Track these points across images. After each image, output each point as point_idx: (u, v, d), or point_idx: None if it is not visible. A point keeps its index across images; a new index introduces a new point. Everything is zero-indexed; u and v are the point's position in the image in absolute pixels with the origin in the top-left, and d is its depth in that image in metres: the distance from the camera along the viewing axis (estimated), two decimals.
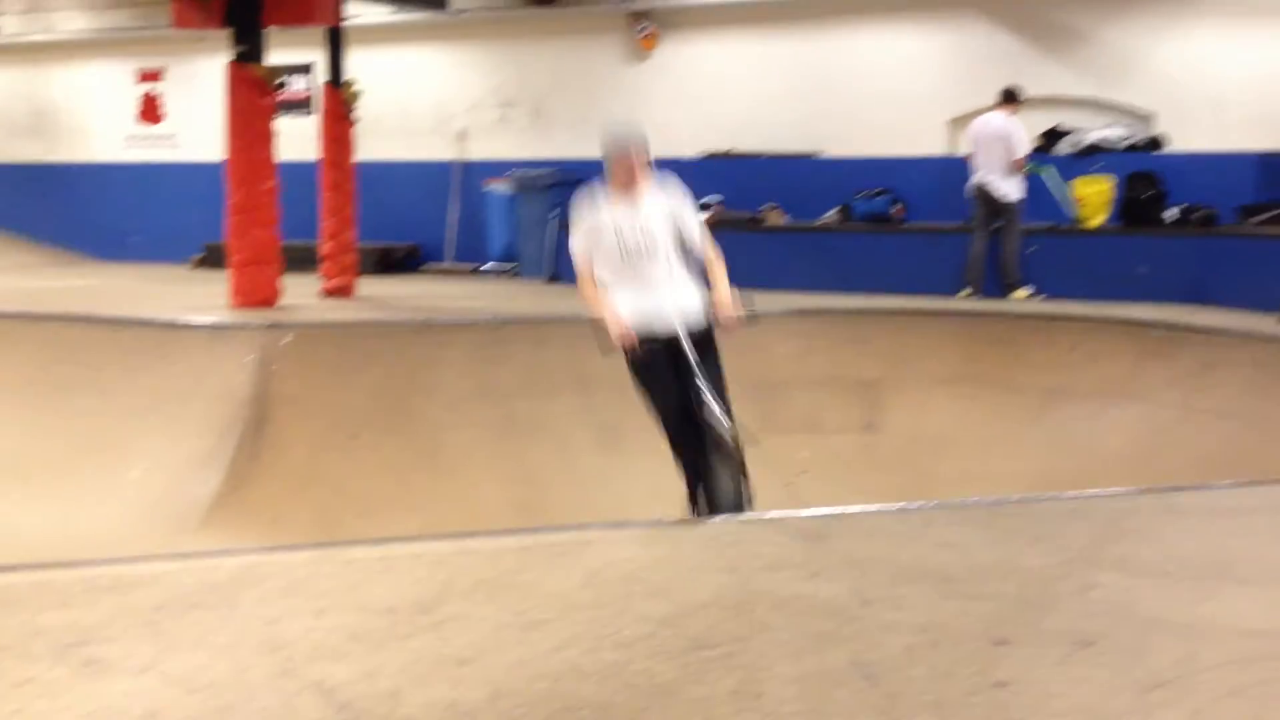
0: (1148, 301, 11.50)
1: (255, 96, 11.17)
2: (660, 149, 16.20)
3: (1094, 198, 12.54)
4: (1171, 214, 12.47)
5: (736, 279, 13.52)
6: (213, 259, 15.47)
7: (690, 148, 15.14)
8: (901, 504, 5.26)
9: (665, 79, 15.64)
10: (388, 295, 12.92)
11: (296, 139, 14.67)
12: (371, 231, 15.10)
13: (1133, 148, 13.11)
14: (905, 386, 10.79)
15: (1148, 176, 12.59)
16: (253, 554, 4.46)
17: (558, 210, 15.16)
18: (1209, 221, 12.25)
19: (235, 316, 10.60)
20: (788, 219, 14.05)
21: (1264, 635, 3.56)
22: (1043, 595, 3.89)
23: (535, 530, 4.87)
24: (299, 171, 13.49)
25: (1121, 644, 3.48)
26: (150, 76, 18.44)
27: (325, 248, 12.57)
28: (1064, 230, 12.63)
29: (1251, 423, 9.02)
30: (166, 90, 18.50)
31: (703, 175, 14.85)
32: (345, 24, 12.84)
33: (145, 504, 8.61)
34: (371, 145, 15.91)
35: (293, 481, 8.97)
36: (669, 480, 9.83)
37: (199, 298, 11.95)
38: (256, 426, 9.11)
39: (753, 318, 5.84)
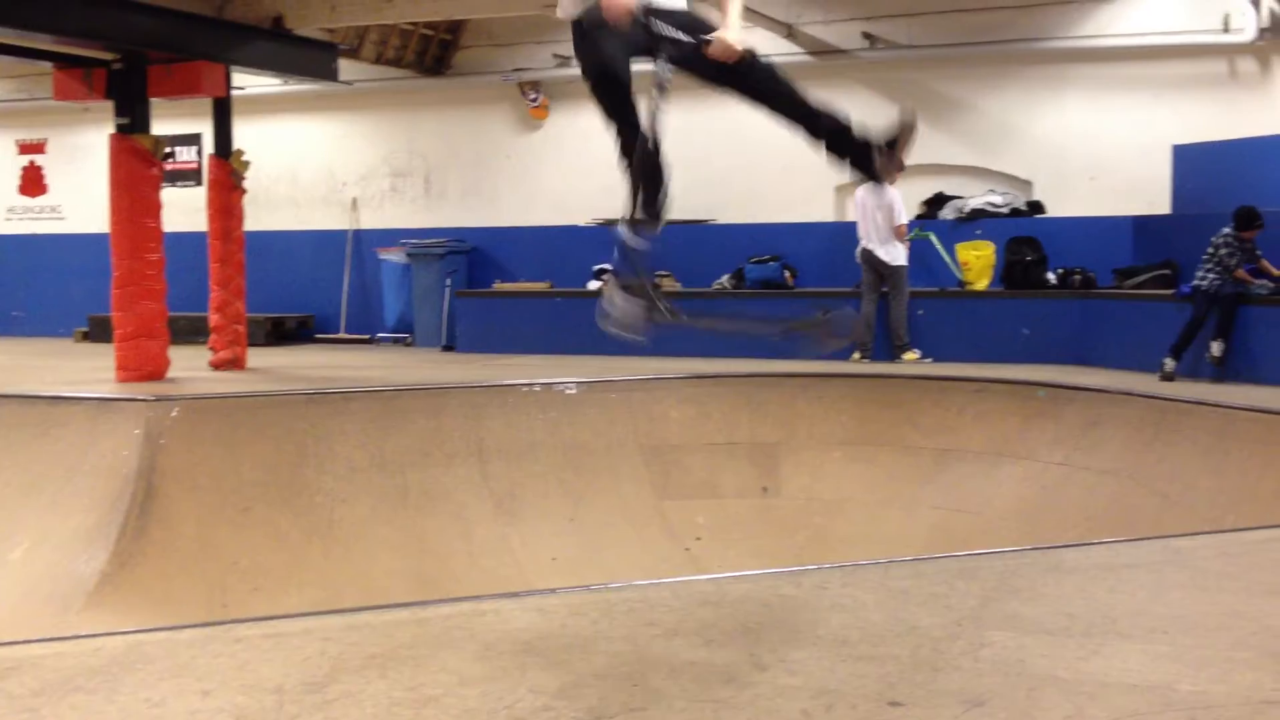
0: (1032, 362, 11.83)
1: (140, 167, 11.04)
2: (553, 217, 16.43)
3: (977, 262, 12.88)
4: (1052, 277, 12.86)
5: (632, 346, 13.64)
6: (98, 332, 15.17)
7: (583, 216, 15.27)
8: (797, 567, 5.29)
9: (557, 148, 15.78)
10: (279, 366, 12.75)
11: (185, 209, 14.53)
12: (263, 302, 14.96)
13: (1014, 213, 13.51)
14: (801, 449, 10.91)
15: (1028, 241, 12.97)
16: (136, 634, 4.33)
17: (451, 278, 15.18)
18: (1088, 284, 12.65)
19: (121, 390, 10.37)
20: (681, 286, 14.19)
21: (1148, 689, 3.64)
22: (935, 656, 3.93)
23: (429, 603, 4.81)
24: (188, 242, 13.33)
25: (1012, 702, 3.53)
26: (32, 148, 18.12)
27: (214, 319, 12.39)
28: (950, 294, 12.93)
29: (1133, 478, 9.26)
30: (49, 162, 18.18)
31: (596, 243, 14.99)
32: (233, 95, 12.75)
33: (27, 584, 8.33)
34: (262, 215, 15.82)
35: (183, 557, 8.75)
36: (567, 548, 9.83)
37: (84, 372, 11.70)
38: (144, 502, 8.88)
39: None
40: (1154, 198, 13.14)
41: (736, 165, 14.75)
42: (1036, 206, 13.61)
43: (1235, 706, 3.48)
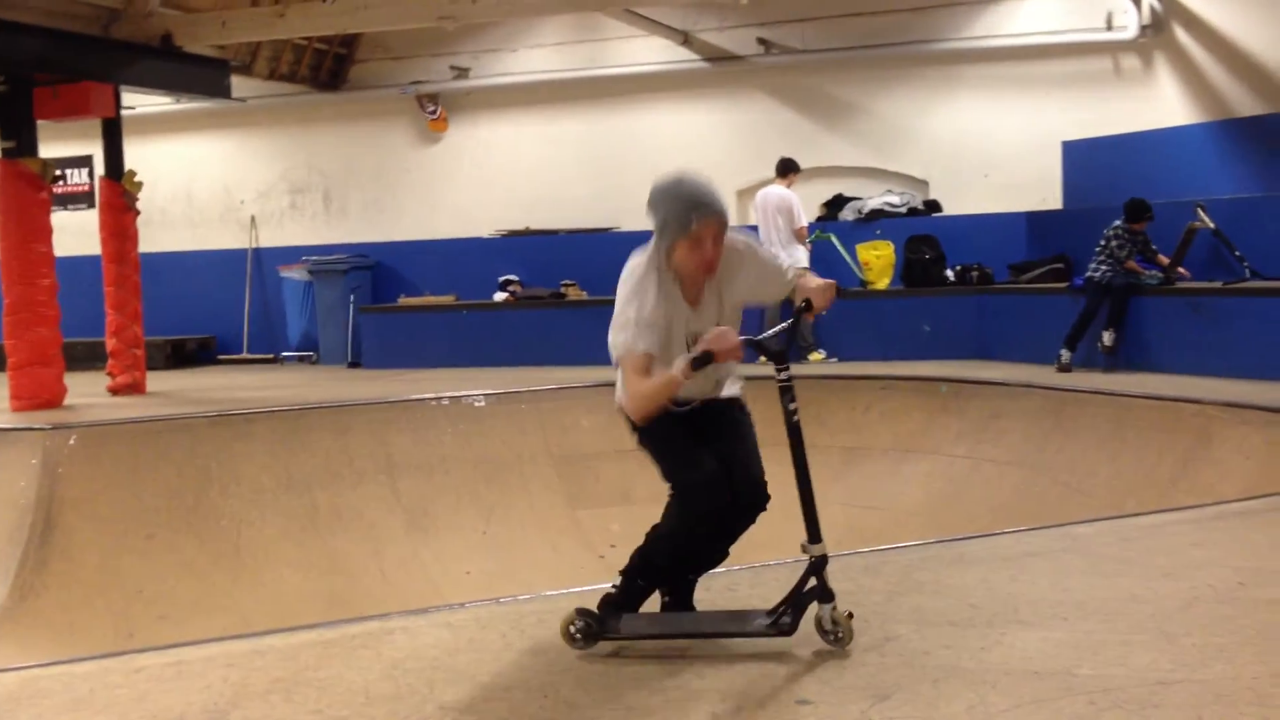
0: (934, 359, 12.02)
1: (29, 191, 10.79)
2: (456, 229, 16.32)
3: (878, 262, 13.05)
4: (950, 274, 13.07)
5: (540, 356, 13.56)
6: None
7: (486, 227, 15.24)
8: (707, 570, 5.32)
9: (458, 160, 15.72)
10: (181, 389, 12.53)
11: (77, 233, 14.23)
12: (162, 325, 14.71)
13: (911, 212, 13.70)
14: None
15: (926, 239, 13.17)
16: (32, 669, 4.23)
17: (355, 294, 15.04)
18: (985, 280, 12.87)
19: (16, 420, 10.12)
20: (587, 295, 14.20)
21: (1049, 675, 3.71)
22: (841, 652, 3.97)
23: (335, 623, 4.75)
24: (81, 266, 13.06)
25: (917, 695, 3.58)
26: None
27: (111, 344, 12.13)
28: (852, 294, 13.07)
29: (1035, 469, 9.45)
30: None
31: (501, 254, 14.97)
32: (123, 115, 12.50)
33: None
34: (158, 236, 15.57)
35: (86, 588, 8.57)
36: (481, 561, 9.78)
37: None
38: (44, 533, 8.68)
39: None
40: (1046, 193, 13.41)
41: (636, 172, 14.77)
42: (933, 205, 13.83)
43: (1132, 688, 3.56)
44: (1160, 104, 12.97)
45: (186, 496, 9.30)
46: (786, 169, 12.54)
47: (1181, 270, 10.97)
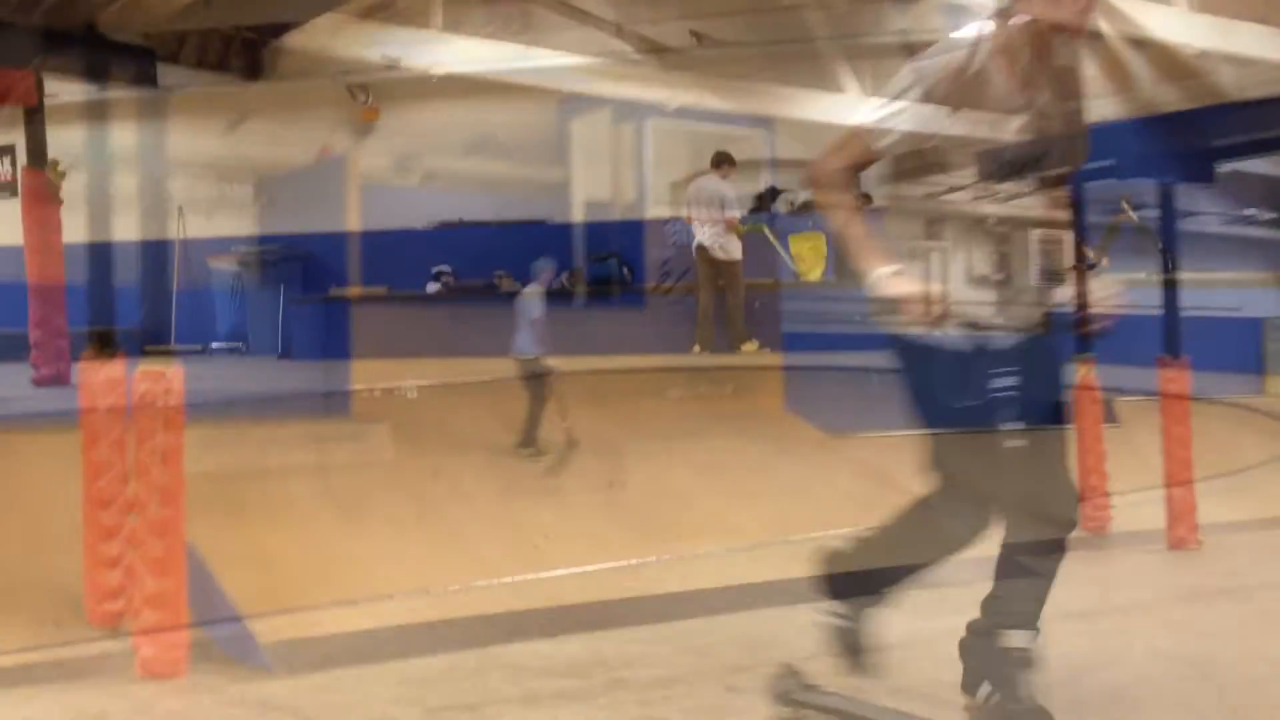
0: (868, 349, 12.12)
1: None
2: (389, 220, 16.13)
3: (810, 253, 13.13)
4: None
5: (473, 347, 13.53)
6: None
7: (419, 218, 15.15)
8: (639, 559, 5.34)
9: (390, 150, 15.60)
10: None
11: None
12: (87, 316, 14.45)
13: None
14: (645, 443, 10.96)
15: None
16: None
17: (285, 285, 14.89)
18: None
19: None
20: (520, 285, 14.17)
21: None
22: (773, 639, 4.00)
23: (262, 616, 4.71)
24: (3, 257, 12.82)
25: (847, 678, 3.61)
26: None
27: (34, 335, 11.90)
28: (785, 285, 13.16)
29: None
30: None
31: (433, 245, 14.87)
32: (46, 103, 12.26)
33: None
34: (83, 226, 15.27)
35: (9, 585, 8.41)
36: (412, 551, 9.71)
37: None
38: None
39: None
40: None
41: (571, 163, 14.78)
42: (867, 196, 13.91)
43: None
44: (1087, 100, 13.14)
45: None
46: (721, 161, 12.56)
47: (1107, 262, 11.14)
